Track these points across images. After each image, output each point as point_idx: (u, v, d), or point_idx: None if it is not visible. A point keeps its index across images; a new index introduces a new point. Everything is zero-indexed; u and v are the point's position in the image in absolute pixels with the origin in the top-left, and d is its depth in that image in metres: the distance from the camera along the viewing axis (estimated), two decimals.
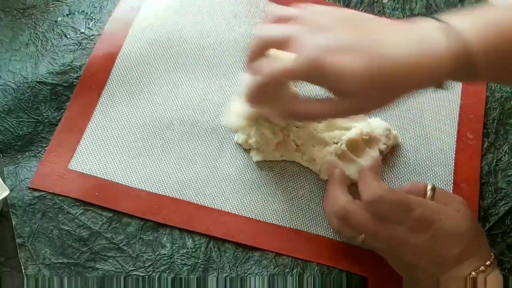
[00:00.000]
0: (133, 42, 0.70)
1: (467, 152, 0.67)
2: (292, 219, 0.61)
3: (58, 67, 0.67)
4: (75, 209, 0.59)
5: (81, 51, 0.68)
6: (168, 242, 0.59)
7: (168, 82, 0.68)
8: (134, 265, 0.57)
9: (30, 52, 0.68)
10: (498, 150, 0.68)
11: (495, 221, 0.63)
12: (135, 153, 0.63)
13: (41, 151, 0.62)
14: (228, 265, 0.58)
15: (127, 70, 0.68)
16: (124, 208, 0.59)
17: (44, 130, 0.63)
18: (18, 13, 0.71)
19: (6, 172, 0.60)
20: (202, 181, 0.62)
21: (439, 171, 0.65)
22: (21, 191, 0.59)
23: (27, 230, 0.58)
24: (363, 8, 0.77)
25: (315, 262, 0.59)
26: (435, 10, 0.77)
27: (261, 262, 0.59)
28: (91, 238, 0.58)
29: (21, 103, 0.64)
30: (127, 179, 0.61)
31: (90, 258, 0.57)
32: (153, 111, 0.66)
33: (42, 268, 0.56)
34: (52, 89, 0.65)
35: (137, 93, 0.67)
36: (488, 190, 0.65)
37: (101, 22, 0.71)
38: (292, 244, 0.60)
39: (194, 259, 0.58)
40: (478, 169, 0.66)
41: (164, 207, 0.60)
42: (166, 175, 0.62)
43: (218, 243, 0.59)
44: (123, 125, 0.64)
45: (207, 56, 0.70)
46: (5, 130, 0.62)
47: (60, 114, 0.64)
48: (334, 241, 0.60)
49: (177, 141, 0.64)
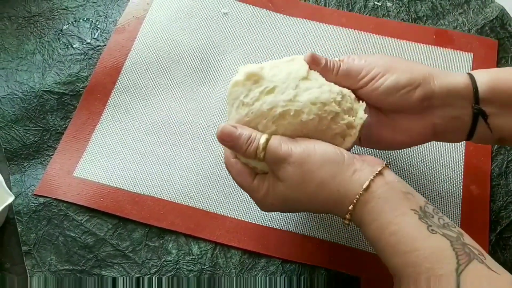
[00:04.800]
0: (138, 53, 0.70)
1: (476, 154, 0.66)
2: (299, 225, 0.60)
3: (65, 77, 0.68)
4: (80, 215, 0.59)
5: (87, 61, 0.69)
6: (173, 249, 0.58)
7: (172, 91, 0.68)
8: (140, 271, 0.57)
9: (36, 61, 0.69)
10: (509, 152, 0.66)
11: (506, 224, 0.62)
12: (140, 160, 0.63)
13: (47, 159, 0.62)
14: (235, 271, 0.57)
15: (132, 80, 0.68)
16: (129, 214, 0.59)
17: (51, 139, 0.64)
18: (23, 21, 0.72)
19: (12, 180, 0.61)
20: (207, 187, 0.62)
21: (448, 173, 0.64)
22: (26, 198, 0.60)
23: (33, 237, 0.58)
24: (367, 12, 0.76)
25: (323, 268, 0.58)
26: (440, 12, 0.77)
27: (268, 268, 0.58)
28: (96, 245, 0.58)
29: (28, 113, 0.65)
30: (132, 185, 0.61)
31: (96, 265, 0.57)
32: (158, 120, 0.66)
33: (48, 275, 0.56)
34: (58, 99, 0.66)
35: (141, 102, 0.67)
36: (499, 192, 0.64)
37: (106, 32, 0.71)
38: (299, 250, 0.59)
39: (200, 265, 0.58)
40: (489, 171, 0.65)
41: (169, 213, 0.60)
42: (171, 181, 0.62)
43: (224, 249, 0.59)
44: (128, 133, 0.65)
45: (212, 66, 0.70)
46: (12, 139, 0.63)
47: (66, 123, 0.65)
48: (343, 246, 0.59)
49: (182, 148, 0.64)
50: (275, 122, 0.48)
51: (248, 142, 0.48)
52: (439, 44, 0.74)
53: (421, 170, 0.64)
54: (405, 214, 0.43)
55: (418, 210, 0.44)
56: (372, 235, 0.45)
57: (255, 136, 0.48)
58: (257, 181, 0.50)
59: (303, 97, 0.48)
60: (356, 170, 0.46)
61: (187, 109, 0.67)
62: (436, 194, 0.63)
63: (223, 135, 0.49)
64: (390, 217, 0.44)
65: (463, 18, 0.77)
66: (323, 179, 0.46)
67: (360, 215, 0.45)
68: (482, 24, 0.76)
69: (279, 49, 0.72)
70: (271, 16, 0.75)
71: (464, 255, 0.41)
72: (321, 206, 0.48)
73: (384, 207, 0.44)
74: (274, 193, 0.49)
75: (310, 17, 0.76)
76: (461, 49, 0.74)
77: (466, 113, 0.50)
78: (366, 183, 0.45)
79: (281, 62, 0.51)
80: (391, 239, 0.43)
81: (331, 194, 0.46)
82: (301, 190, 0.47)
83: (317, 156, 0.47)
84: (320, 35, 0.74)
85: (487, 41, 0.75)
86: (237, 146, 0.49)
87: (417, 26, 0.76)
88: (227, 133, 0.49)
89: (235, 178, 0.52)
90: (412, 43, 0.74)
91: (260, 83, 0.49)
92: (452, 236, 0.42)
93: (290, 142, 0.48)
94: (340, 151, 0.47)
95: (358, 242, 0.59)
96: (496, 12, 0.77)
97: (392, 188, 0.45)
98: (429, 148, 0.66)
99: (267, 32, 0.74)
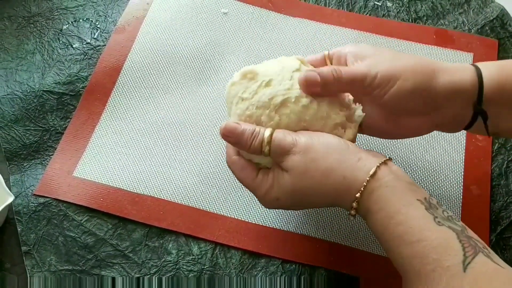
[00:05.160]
0: (138, 53, 0.70)
1: (476, 154, 0.66)
2: (299, 225, 0.60)
3: (65, 77, 0.68)
4: (80, 215, 0.59)
5: (87, 61, 0.69)
6: (173, 249, 0.58)
7: (172, 91, 0.68)
8: (140, 271, 0.57)
9: (36, 61, 0.69)
10: (509, 152, 0.66)
11: (506, 224, 0.62)
12: (140, 160, 0.63)
13: (46, 159, 0.62)
14: (235, 271, 0.57)
15: (132, 80, 0.68)
16: (129, 214, 0.59)
17: (51, 139, 0.64)
18: (23, 21, 0.72)
19: (12, 180, 0.61)
20: (207, 187, 0.62)
21: (449, 173, 0.64)
22: (26, 198, 0.60)
23: (33, 237, 0.57)
24: (368, 12, 0.76)
25: (323, 268, 0.58)
26: (440, 12, 0.77)
27: (268, 268, 0.58)
28: (96, 245, 0.58)
29: (28, 113, 0.65)
30: (132, 185, 0.61)
31: (96, 265, 0.57)
32: (157, 119, 0.66)
33: (48, 276, 0.56)
34: (58, 99, 0.66)
35: (141, 102, 0.67)
36: (499, 192, 0.64)
37: (106, 32, 0.71)
38: (299, 250, 0.59)
39: (200, 265, 0.57)
40: (489, 171, 0.65)
41: (169, 213, 0.60)
42: (171, 181, 0.62)
43: (224, 249, 0.59)
44: (128, 133, 0.65)
45: (212, 66, 0.70)
46: (12, 139, 0.63)
47: (66, 123, 0.65)
48: (343, 246, 0.59)
49: (182, 148, 0.64)
50: (278, 111, 0.49)
51: (253, 137, 0.48)
52: (439, 44, 0.74)
53: (421, 170, 0.64)
54: (412, 204, 0.43)
55: (424, 201, 0.44)
56: (379, 225, 0.44)
57: (258, 131, 0.48)
58: (261, 175, 0.50)
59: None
60: (361, 158, 0.46)
61: (187, 109, 0.67)
62: (437, 194, 0.63)
63: (227, 132, 0.49)
64: (397, 206, 0.43)
65: (463, 18, 0.77)
66: (328, 166, 0.46)
67: (367, 204, 0.45)
68: (482, 24, 0.76)
69: (279, 49, 0.72)
70: (271, 16, 0.75)
71: (470, 248, 0.41)
72: (328, 195, 0.47)
73: (391, 196, 0.44)
74: (279, 185, 0.48)
75: (310, 17, 0.75)
76: (461, 49, 0.74)
77: (467, 113, 0.50)
78: (372, 170, 0.45)
79: (271, 61, 0.53)
80: (398, 229, 0.43)
81: (337, 181, 0.46)
82: (307, 178, 0.47)
83: (321, 144, 0.47)
84: (320, 35, 0.74)
85: (487, 41, 0.75)
86: (242, 142, 0.48)
87: (417, 26, 0.76)
88: (230, 129, 0.48)
89: (238, 174, 0.51)
90: (412, 43, 0.74)
91: (255, 79, 0.50)
92: (457, 229, 0.42)
93: (294, 134, 0.48)
94: (344, 141, 0.48)
95: (358, 242, 0.59)
96: (496, 12, 0.77)
97: (398, 177, 0.45)
98: (429, 148, 0.66)
99: (267, 32, 0.74)
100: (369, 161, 0.46)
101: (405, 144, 0.66)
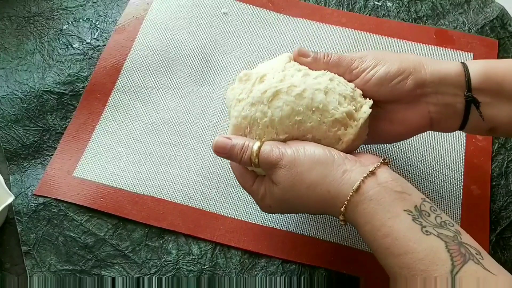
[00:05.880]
0: (138, 53, 0.70)
1: (476, 154, 0.66)
2: (299, 225, 0.60)
3: (65, 77, 0.68)
4: (80, 215, 0.59)
5: (87, 61, 0.69)
6: (173, 249, 0.58)
7: (172, 91, 0.68)
8: (140, 271, 0.57)
9: (36, 61, 0.69)
10: (509, 152, 0.66)
11: (506, 224, 0.62)
12: (140, 160, 0.63)
13: (46, 159, 0.62)
14: (235, 271, 0.57)
15: (132, 80, 0.68)
16: (129, 214, 0.59)
17: (51, 139, 0.64)
18: (23, 21, 0.72)
19: (12, 180, 0.61)
20: (207, 187, 0.62)
21: (449, 173, 0.64)
22: (26, 198, 0.60)
23: (33, 237, 0.58)
24: (368, 12, 0.76)
25: (323, 268, 0.58)
26: (440, 12, 0.77)
27: (268, 268, 0.58)
28: (96, 245, 0.58)
29: (28, 113, 0.65)
30: (132, 185, 0.61)
31: (96, 265, 0.57)
32: (157, 119, 0.66)
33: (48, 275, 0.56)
34: (58, 99, 0.66)
35: (141, 102, 0.67)
36: (499, 192, 0.64)
37: (106, 32, 0.71)
38: (299, 250, 0.59)
39: (200, 265, 0.57)
40: (489, 171, 0.65)
41: (169, 213, 0.60)
42: (171, 181, 0.62)
43: (224, 249, 0.59)
44: (128, 133, 0.65)
45: (212, 66, 0.70)
46: (12, 139, 0.63)
47: (66, 123, 0.65)
48: (343, 246, 0.59)
49: (182, 148, 0.64)
50: (271, 105, 0.49)
51: (242, 151, 0.49)
52: (439, 44, 0.74)
53: (421, 171, 0.64)
54: (398, 216, 0.43)
55: (413, 210, 0.44)
56: (367, 236, 0.45)
57: (247, 145, 0.49)
58: (256, 185, 0.51)
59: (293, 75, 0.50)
60: (346, 170, 0.46)
61: (187, 109, 0.67)
62: (437, 194, 0.63)
63: (217, 148, 0.50)
64: (382, 219, 0.43)
65: (463, 18, 0.77)
66: (312, 181, 0.46)
67: (353, 217, 0.46)
68: (482, 24, 0.76)
69: (279, 49, 0.72)
70: (271, 16, 0.75)
71: (459, 256, 0.41)
72: (315, 208, 0.48)
73: (376, 209, 0.44)
74: (271, 195, 0.50)
75: (310, 17, 0.76)
76: (461, 49, 0.74)
77: (459, 101, 0.51)
78: (356, 184, 0.45)
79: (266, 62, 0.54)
80: (384, 241, 0.43)
81: (322, 195, 0.47)
82: (294, 191, 0.48)
83: (306, 157, 0.47)
84: (320, 35, 0.74)
85: (487, 41, 0.75)
86: (233, 156, 0.50)
87: (417, 26, 0.76)
88: (220, 146, 0.50)
89: (238, 179, 0.53)
90: (412, 43, 0.74)
91: (250, 78, 0.51)
92: (448, 235, 0.42)
93: (282, 146, 0.48)
94: (330, 151, 0.48)
95: (358, 242, 0.59)
96: (496, 12, 0.77)
97: (384, 189, 0.45)
98: (429, 148, 0.66)
99: (267, 32, 0.74)
100: (354, 173, 0.46)
101: (405, 145, 0.66)
